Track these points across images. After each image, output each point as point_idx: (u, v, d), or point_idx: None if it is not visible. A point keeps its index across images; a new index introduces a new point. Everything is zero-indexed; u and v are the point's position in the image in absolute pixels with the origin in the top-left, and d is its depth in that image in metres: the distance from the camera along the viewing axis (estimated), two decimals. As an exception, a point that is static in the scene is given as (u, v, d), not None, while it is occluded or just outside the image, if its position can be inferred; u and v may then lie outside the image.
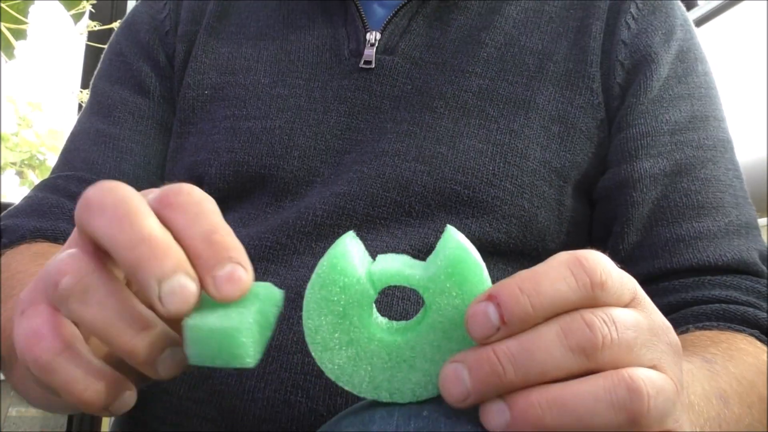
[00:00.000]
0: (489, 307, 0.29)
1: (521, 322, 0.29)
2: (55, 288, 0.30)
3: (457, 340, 0.31)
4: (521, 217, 0.57)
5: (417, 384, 0.32)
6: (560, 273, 0.29)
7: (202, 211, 0.31)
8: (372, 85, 0.62)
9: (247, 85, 0.64)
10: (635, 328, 0.29)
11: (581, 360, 0.28)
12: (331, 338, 0.32)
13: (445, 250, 0.31)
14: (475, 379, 0.29)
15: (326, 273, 0.31)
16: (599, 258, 0.30)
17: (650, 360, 0.30)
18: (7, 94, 2.31)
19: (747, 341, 0.50)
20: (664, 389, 0.29)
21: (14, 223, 0.61)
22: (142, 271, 0.29)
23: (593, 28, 0.63)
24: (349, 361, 0.32)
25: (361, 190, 0.57)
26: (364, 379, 0.32)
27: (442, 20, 0.65)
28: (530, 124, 0.59)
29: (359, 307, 0.31)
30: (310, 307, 0.32)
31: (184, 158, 0.64)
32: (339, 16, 0.67)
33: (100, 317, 0.30)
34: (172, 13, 0.72)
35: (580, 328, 0.28)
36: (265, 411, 0.50)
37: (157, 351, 0.31)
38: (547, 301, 0.29)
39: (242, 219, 0.60)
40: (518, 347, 0.29)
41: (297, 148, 0.60)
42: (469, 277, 0.31)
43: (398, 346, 0.32)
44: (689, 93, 0.63)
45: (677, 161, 0.60)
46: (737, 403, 0.42)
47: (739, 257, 0.57)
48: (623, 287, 0.30)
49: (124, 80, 0.70)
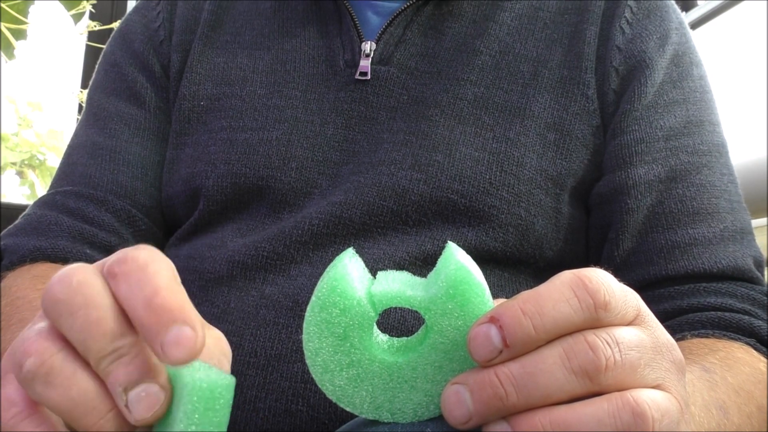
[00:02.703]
0: (491, 329, 0.29)
1: (524, 345, 0.29)
2: (20, 369, 0.30)
3: (459, 361, 0.31)
4: (518, 226, 0.57)
5: (418, 404, 0.32)
6: (563, 294, 0.29)
7: (145, 275, 0.29)
8: (368, 96, 0.62)
9: (243, 96, 0.64)
10: (639, 348, 0.29)
11: (584, 382, 0.28)
12: (331, 360, 0.32)
13: (446, 269, 0.31)
14: (477, 401, 0.29)
15: (326, 295, 0.31)
16: (602, 277, 0.30)
17: (654, 380, 0.30)
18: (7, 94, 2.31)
19: (743, 350, 0.51)
20: (669, 411, 0.29)
21: (14, 242, 0.61)
22: (110, 379, 0.29)
23: (587, 33, 0.63)
24: (350, 383, 0.32)
25: (358, 198, 0.57)
26: (365, 399, 0.32)
27: (436, 29, 0.65)
28: (526, 132, 0.59)
29: (360, 328, 0.31)
30: (310, 329, 0.31)
31: (181, 169, 0.64)
32: (333, 25, 0.66)
33: (64, 400, 0.29)
34: (165, 23, 0.71)
35: (583, 350, 0.28)
36: (267, 421, 0.50)
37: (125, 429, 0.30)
38: (550, 323, 0.29)
39: (240, 229, 0.60)
40: (520, 370, 0.28)
41: (294, 159, 0.60)
42: (471, 298, 0.31)
43: (399, 367, 0.32)
44: (684, 98, 0.63)
45: (672, 167, 0.60)
46: (737, 414, 0.43)
47: (734, 264, 0.57)
48: (627, 305, 0.30)
49: (119, 91, 0.70)
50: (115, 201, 0.64)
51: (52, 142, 2.47)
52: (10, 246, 0.61)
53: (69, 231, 0.62)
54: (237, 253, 0.57)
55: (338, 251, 0.56)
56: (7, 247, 0.61)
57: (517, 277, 0.58)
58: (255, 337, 0.53)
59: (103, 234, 0.63)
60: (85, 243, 0.62)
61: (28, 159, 2.48)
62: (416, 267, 0.55)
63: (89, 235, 0.62)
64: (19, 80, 2.34)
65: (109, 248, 0.62)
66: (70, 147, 0.71)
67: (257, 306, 0.54)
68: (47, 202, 0.66)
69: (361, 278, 0.32)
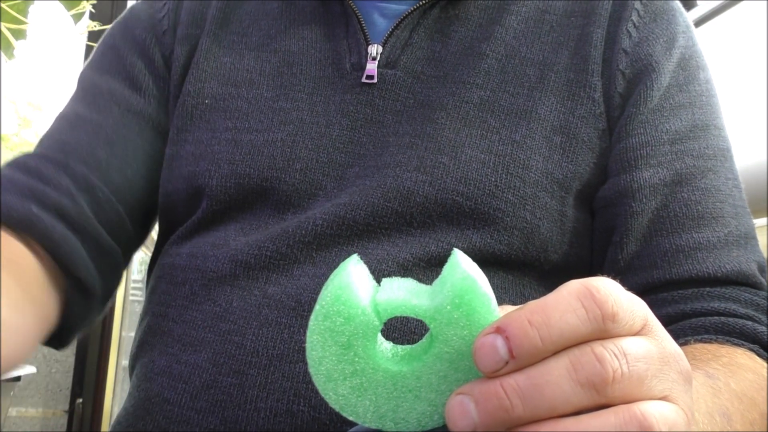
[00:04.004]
0: (497, 340, 0.29)
1: (530, 356, 0.28)
2: None
3: (464, 371, 0.31)
4: (523, 229, 0.57)
5: (422, 414, 0.32)
6: (570, 305, 0.29)
7: None
8: (374, 99, 0.62)
9: (249, 99, 0.64)
10: (646, 359, 0.29)
11: (591, 395, 0.28)
12: (335, 369, 0.31)
13: (452, 278, 0.31)
14: (483, 412, 0.29)
15: (330, 304, 0.31)
16: (610, 288, 0.29)
17: (661, 391, 0.29)
18: (7, 94, 2.31)
19: (747, 356, 0.50)
20: (676, 424, 0.29)
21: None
22: None
23: (594, 36, 0.63)
24: (353, 392, 0.32)
25: (362, 200, 0.57)
26: (368, 409, 0.32)
27: (443, 32, 0.65)
28: (532, 135, 0.59)
29: (364, 337, 0.31)
30: (313, 338, 0.31)
31: (182, 167, 0.64)
32: (340, 28, 0.66)
33: None
34: (171, 13, 0.71)
35: (590, 362, 0.28)
36: (268, 421, 0.50)
37: None
38: (557, 334, 0.28)
39: (243, 229, 0.60)
40: (527, 382, 0.28)
41: (299, 161, 0.60)
42: (477, 308, 0.30)
43: (404, 376, 0.32)
44: (690, 102, 0.63)
45: (677, 171, 0.60)
46: (740, 421, 0.43)
47: (738, 269, 0.57)
48: (634, 315, 0.30)
49: (114, 72, 0.68)
50: (75, 166, 0.62)
51: (51, 142, 2.46)
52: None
53: (19, 188, 0.59)
54: (240, 252, 0.57)
55: (342, 252, 0.56)
56: None
57: (522, 280, 0.58)
58: (257, 336, 0.53)
59: (55, 194, 0.59)
60: (34, 201, 0.58)
61: (28, 159, 2.47)
62: (420, 269, 0.55)
63: (39, 193, 0.59)
64: (19, 80, 2.34)
65: (60, 209, 0.59)
66: (54, 120, 0.68)
67: (260, 305, 0.54)
68: (11, 163, 0.63)
69: (366, 286, 0.32)
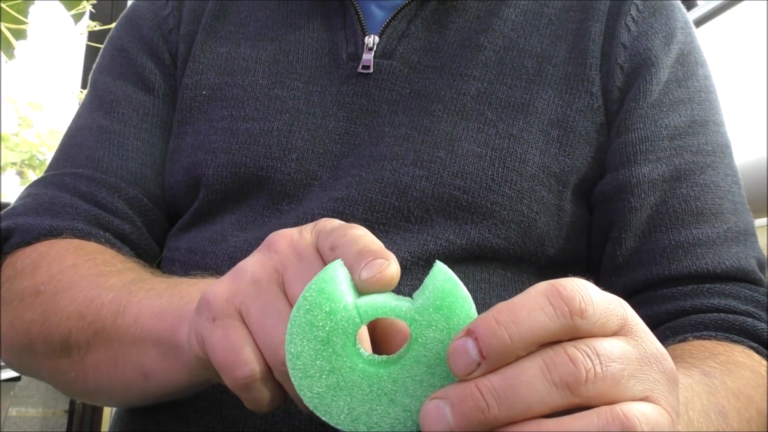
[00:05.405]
0: (468, 342, 0.28)
1: (500, 356, 0.28)
2: None
3: (441, 377, 0.31)
4: (520, 223, 0.57)
5: (396, 419, 0.31)
6: (538, 302, 0.28)
7: None
8: (370, 89, 0.61)
9: (245, 86, 0.64)
10: (622, 360, 0.29)
11: (566, 395, 0.28)
12: (312, 365, 0.31)
13: (434, 282, 0.31)
14: (458, 414, 0.28)
15: (313, 297, 0.31)
16: (578, 285, 0.29)
17: (641, 391, 0.29)
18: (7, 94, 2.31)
19: (745, 354, 0.50)
20: (659, 423, 0.28)
21: (26, 222, 0.59)
22: None
23: (593, 30, 0.63)
24: (329, 390, 0.31)
25: (360, 195, 0.56)
26: (342, 410, 0.31)
27: (440, 23, 0.64)
28: (529, 128, 0.59)
29: (344, 334, 0.31)
30: (293, 330, 0.31)
31: (182, 159, 0.64)
32: (338, 18, 0.66)
33: None
34: (175, 11, 0.71)
35: (563, 362, 0.28)
36: (266, 421, 0.50)
37: None
38: (526, 331, 0.28)
39: (240, 222, 0.60)
40: (501, 382, 0.28)
41: (295, 150, 0.60)
42: (457, 311, 0.30)
43: (380, 378, 0.31)
44: (689, 97, 0.62)
45: (676, 166, 0.59)
46: (736, 419, 0.42)
47: (738, 265, 0.57)
48: (608, 314, 0.29)
49: (127, 76, 0.69)
50: (127, 188, 0.63)
51: (52, 142, 2.47)
52: (22, 225, 0.59)
53: (84, 215, 0.60)
54: (238, 250, 0.57)
55: None
56: (18, 226, 0.59)
57: (520, 276, 0.58)
58: None
59: (117, 221, 0.61)
60: (101, 228, 0.60)
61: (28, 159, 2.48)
62: (419, 267, 0.55)
63: (105, 221, 0.61)
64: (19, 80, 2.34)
65: (123, 236, 0.61)
66: (73, 129, 0.69)
67: None
68: (55, 183, 0.63)
69: (350, 287, 0.32)
